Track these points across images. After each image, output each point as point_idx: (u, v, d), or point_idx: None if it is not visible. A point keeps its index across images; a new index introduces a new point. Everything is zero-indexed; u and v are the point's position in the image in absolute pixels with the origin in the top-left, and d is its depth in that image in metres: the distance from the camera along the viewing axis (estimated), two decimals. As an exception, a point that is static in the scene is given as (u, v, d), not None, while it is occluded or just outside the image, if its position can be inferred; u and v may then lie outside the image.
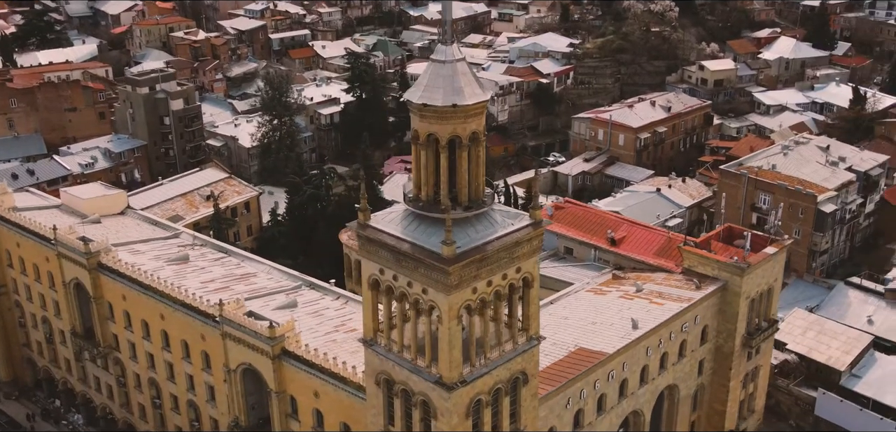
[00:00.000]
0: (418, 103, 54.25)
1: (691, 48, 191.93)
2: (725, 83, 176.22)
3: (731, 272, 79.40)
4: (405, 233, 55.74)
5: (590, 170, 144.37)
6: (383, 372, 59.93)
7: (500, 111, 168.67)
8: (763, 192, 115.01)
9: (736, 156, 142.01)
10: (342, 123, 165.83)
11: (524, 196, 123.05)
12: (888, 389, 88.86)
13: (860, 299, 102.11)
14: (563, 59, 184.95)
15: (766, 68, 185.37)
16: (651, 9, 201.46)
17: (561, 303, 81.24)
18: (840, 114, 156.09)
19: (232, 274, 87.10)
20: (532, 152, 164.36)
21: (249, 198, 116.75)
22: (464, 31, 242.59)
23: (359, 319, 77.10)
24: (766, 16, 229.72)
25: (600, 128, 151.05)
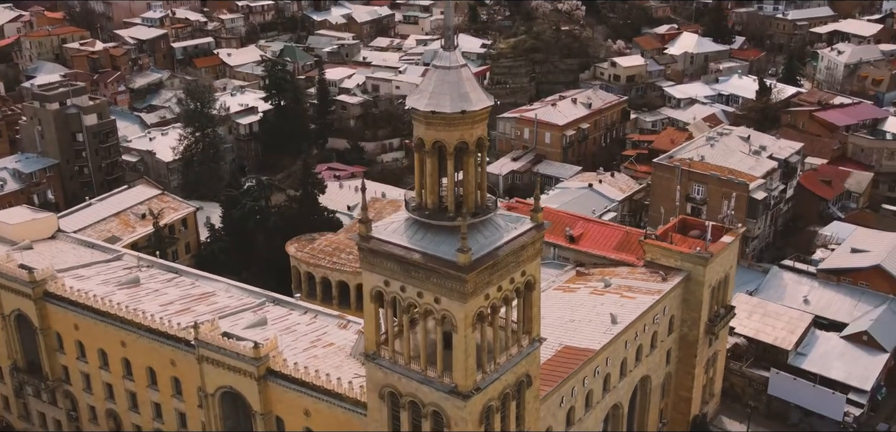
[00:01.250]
0: (426, 111, 53.54)
1: (600, 46, 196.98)
2: (637, 79, 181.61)
3: (695, 262, 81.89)
4: (413, 243, 54.88)
5: (519, 170, 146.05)
6: (388, 385, 58.87)
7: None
8: (697, 183, 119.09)
9: (658, 149, 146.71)
10: (262, 133, 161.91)
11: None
12: (832, 364, 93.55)
13: (795, 280, 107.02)
14: (478, 60, 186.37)
15: (672, 63, 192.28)
16: (559, 8, 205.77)
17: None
18: (748, 105, 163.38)
19: (189, 294, 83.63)
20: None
21: (187, 214, 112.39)
22: (370, 34, 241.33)
23: (334, 334, 76.41)
24: (662, 13, 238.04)
25: (526, 127, 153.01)
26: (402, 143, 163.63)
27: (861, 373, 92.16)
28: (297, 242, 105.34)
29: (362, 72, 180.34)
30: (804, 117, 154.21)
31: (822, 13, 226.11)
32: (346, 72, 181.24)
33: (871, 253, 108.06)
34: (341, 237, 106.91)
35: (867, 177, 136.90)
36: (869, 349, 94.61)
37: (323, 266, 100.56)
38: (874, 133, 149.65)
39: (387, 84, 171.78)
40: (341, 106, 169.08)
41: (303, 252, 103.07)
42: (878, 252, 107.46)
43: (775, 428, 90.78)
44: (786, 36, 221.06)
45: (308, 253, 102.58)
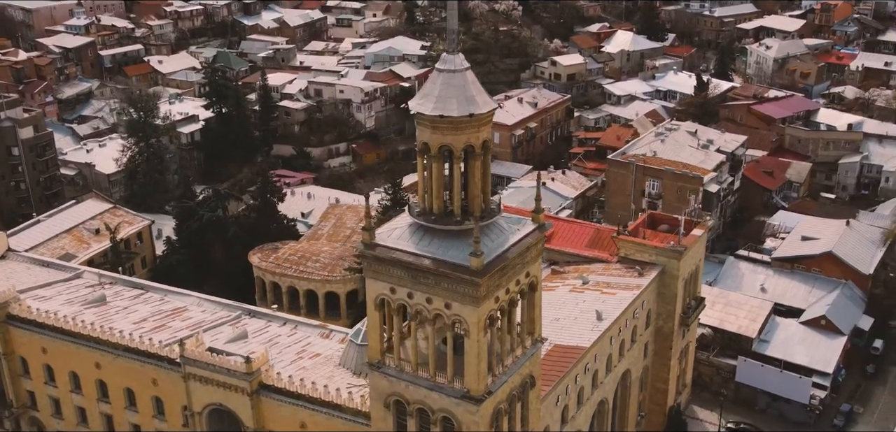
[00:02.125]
0: (433, 115, 53.00)
1: (539, 45, 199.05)
2: (577, 77, 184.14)
3: (669, 256, 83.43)
4: (420, 249, 54.30)
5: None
6: (394, 393, 58.14)
7: (367, 118, 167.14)
8: (651, 178, 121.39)
9: (606, 146, 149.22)
10: (205, 141, 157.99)
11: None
12: (794, 349, 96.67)
13: (750, 270, 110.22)
14: (419, 62, 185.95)
15: (610, 61, 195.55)
16: (495, 8, 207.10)
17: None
18: (687, 101, 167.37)
19: (160, 310, 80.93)
20: (403, 157, 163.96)
21: (142, 227, 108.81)
22: (303, 38, 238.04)
23: (319, 344, 75.13)
24: (593, 12, 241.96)
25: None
26: (349, 148, 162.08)
27: (822, 357, 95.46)
28: (260, 252, 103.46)
29: (304, 76, 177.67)
30: (742, 111, 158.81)
31: (747, 10, 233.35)
32: (286, 77, 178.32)
33: (821, 240, 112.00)
34: (305, 245, 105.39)
35: (806, 167, 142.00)
36: (827, 333, 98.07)
37: (290, 275, 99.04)
38: (808, 124, 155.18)
39: (330, 88, 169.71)
40: (285, 111, 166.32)
41: (267, 262, 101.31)
42: (829, 239, 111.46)
43: (744, 415, 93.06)
44: (714, 32, 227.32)
45: (273, 262, 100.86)
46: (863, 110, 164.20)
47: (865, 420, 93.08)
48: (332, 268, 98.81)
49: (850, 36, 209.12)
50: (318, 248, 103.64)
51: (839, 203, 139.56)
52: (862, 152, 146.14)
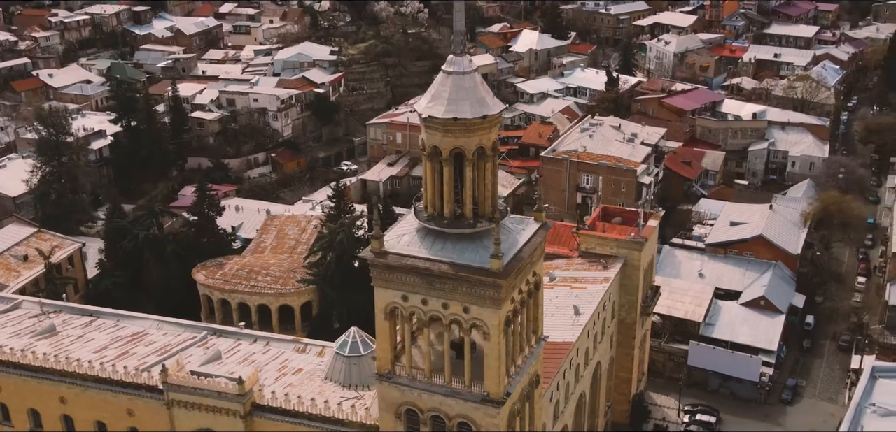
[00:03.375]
0: (445, 118, 52.42)
1: (447, 46, 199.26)
2: (489, 76, 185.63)
3: (630, 248, 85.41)
4: (433, 254, 53.55)
5: (398, 174, 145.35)
6: (406, 403, 57.11)
7: (284, 126, 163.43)
8: (585, 173, 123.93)
9: (528, 144, 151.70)
10: (115, 157, 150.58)
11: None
12: (739, 330, 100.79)
13: (687, 257, 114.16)
14: (330, 68, 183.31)
15: (519, 60, 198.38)
16: (401, 11, 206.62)
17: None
18: (599, 96, 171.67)
19: (119, 336, 76.64)
20: (323, 164, 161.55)
21: (73, 251, 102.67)
22: (200, 46, 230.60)
23: (297, 359, 73.07)
24: (493, 12, 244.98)
25: (398, 132, 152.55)
26: (268, 157, 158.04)
27: (766, 335, 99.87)
28: (205, 269, 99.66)
29: (214, 86, 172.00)
30: (653, 104, 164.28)
31: (640, 7, 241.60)
32: (195, 87, 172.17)
33: (749, 224, 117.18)
34: (250, 259, 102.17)
35: (720, 156, 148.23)
36: (767, 312, 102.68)
37: (240, 291, 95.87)
38: (715, 115, 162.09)
39: (243, 97, 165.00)
40: (198, 123, 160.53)
41: (214, 279, 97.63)
42: (756, 223, 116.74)
43: (698, 397, 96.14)
44: (611, 30, 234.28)
45: (220, 279, 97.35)
46: (760, 99, 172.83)
47: (809, 392, 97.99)
48: (285, 281, 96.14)
49: (739, 30, 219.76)
50: (266, 262, 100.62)
51: (752, 188, 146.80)
52: (768, 139, 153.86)
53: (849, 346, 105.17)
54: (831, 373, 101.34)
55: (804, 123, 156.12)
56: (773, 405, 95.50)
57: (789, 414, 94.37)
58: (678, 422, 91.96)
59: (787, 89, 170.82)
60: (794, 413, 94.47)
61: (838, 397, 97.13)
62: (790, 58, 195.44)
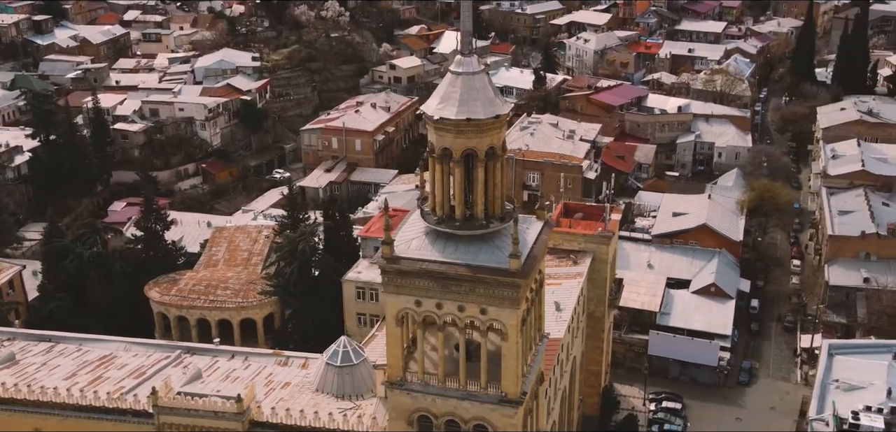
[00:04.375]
0: (458, 119, 51.88)
1: (372, 50, 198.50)
2: (416, 79, 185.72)
3: (598, 242, 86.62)
4: (446, 256, 52.96)
5: (336, 180, 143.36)
6: (419, 409, 56.28)
7: (213, 135, 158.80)
8: (530, 170, 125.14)
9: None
10: (34, 174, 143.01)
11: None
12: (693, 317, 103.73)
13: (635, 249, 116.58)
14: (254, 74, 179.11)
15: (443, 61, 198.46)
16: (322, 15, 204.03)
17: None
18: (528, 95, 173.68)
19: (86, 361, 73.10)
20: (255, 172, 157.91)
21: (13, 274, 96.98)
22: (109, 56, 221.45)
23: (281, 373, 71.45)
24: (409, 14, 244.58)
25: (334, 137, 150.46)
26: (198, 168, 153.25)
27: (720, 321, 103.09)
28: (158, 286, 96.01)
29: (135, 96, 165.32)
30: (581, 101, 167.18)
31: (554, 7, 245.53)
32: (115, 98, 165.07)
33: (691, 214, 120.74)
34: (206, 273, 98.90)
35: (651, 149, 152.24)
36: (718, 298, 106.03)
37: (199, 307, 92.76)
38: (642, 109, 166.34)
39: (167, 107, 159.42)
40: (121, 135, 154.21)
41: (169, 295, 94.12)
42: (698, 212, 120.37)
43: (660, 385, 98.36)
44: (528, 29, 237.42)
45: (177, 295, 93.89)
46: (680, 94, 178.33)
47: (763, 373, 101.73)
48: (246, 294, 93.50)
49: (652, 27, 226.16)
50: (222, 275, 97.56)
51: (683, 180, 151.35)
52: (694, 131, 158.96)
53: (793, 327, 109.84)
54: (781, 354, 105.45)
55: (726, 115, 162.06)
56: (732, 387, 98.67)
57: (748, 394, 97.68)
58: (646, 411, 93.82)
59: (707, 82, 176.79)
60: (752, 393, 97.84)
61: (791, 375, 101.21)
62: (703, 52, 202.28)
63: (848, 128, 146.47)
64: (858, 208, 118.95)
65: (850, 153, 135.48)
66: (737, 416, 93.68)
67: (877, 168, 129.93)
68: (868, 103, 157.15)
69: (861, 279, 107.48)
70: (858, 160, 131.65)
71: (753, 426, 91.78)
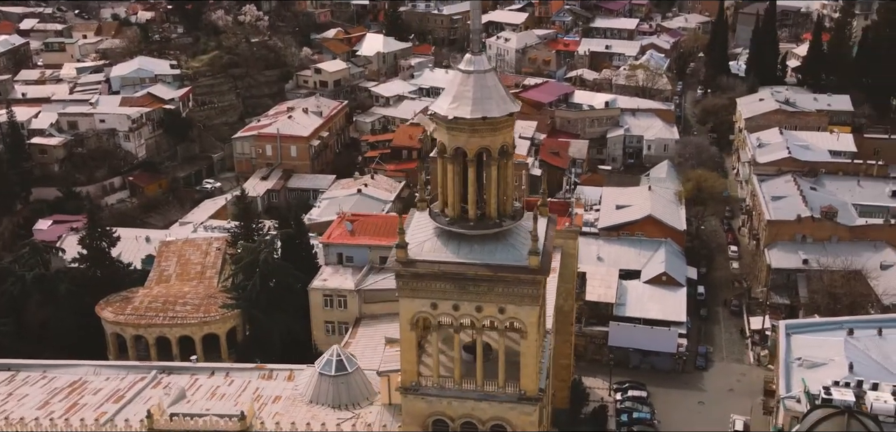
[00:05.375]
0: (473, 118, 51.71)
1: (293, 54, 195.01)
2: (343, 82, 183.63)
3: (566, 237, 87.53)
4: (461, 257, 52.68)
5: (274, 188, 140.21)
6: (434, 413, 55.83)
7: (138, 146, 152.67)
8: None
9: (400, 146, 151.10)
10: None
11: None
12: (648, 306, 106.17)
13: (584, 242, 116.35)
14: (175, 82, 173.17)
15: (368, 64, 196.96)
16: (240, 20, 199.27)
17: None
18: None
19: (56, 389, 69.48)
20: (184, 183, 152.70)
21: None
22: (7, 67, 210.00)
23: (269, 387, 70.07)
24: (325, 17, 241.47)
25: (268, 143, 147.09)
26: (125, 181, 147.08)
27: (674, 309, 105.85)
28: (111, 305, 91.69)
29: (49, 108, 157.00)
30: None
31: (466, 7, 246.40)
32: (28, 111, 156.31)
33: (635, 206, 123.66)
34: (160, 289, 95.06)
35: (585, 144, 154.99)
36: (669, 287, 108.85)
37: (158, 324, 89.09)
38: (571, 106, 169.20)
39: (87, 119, 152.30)
40: (39, 149, 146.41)
41: (125, 314, 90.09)
42: (642, 204, 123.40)
43: (622, 375, 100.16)
44: (445, 29, 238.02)
45: (133, 314, 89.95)
46: (602, 89, 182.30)
47: (718, 356, 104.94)
48: (207, 308, 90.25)
49: (568, 25, 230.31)
50: (178, 291, 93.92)
51: (617, 173, 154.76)
52: (622, 126, 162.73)
53: (739, 310, 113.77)
54: (731, 337, 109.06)
55: (652, 108, 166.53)
56: (690, 373, 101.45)
57: (706, 378, 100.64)
58: (613, 401, 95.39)
59: (629, 77, 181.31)
60: (710, 377, 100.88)
61: (743, 357, 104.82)
62: (620, 49, 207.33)
63: (768, 118, 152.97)
64: (790, 193, 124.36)
65: (775, 141, 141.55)
66: (699, 400, 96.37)
67: (801, 154, 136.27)
68: (783, 93, 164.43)
69: (800, 261, 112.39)
70: (784, 148, 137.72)
71: (715, 408, 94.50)
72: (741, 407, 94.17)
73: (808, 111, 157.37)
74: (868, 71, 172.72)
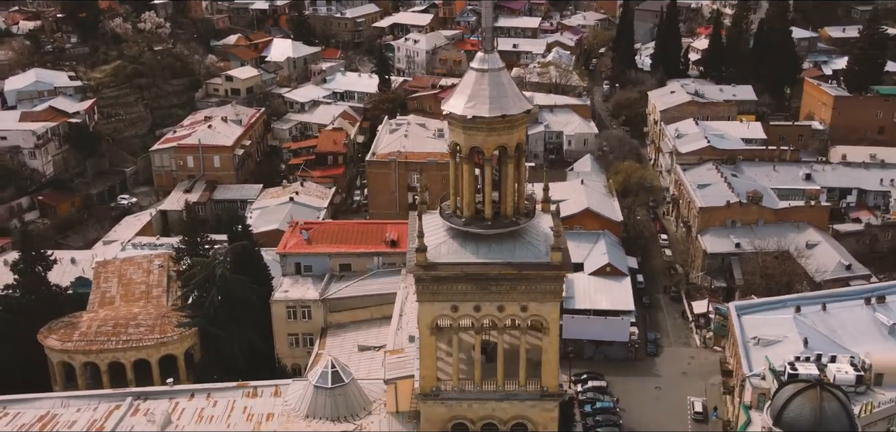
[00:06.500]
0: (493, 116, 51.31)
1: (199, 62, 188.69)
2: (255, 89, 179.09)
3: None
4: (481, 257, 52.22)
5: (199, 200, 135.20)
6: (455, 417, 55.17)
7: (45, 164, 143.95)
8: (414, 172, 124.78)
9: (324, 152, 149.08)
10: None
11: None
12: (596, 297, 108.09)
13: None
14: (77, 95, 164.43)
15: (279, 70, 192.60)
16: (141, 28, 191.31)
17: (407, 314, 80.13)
18: (376, 98, 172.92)
19: (22, 425, 64.68)
20: (98, 200, 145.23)
21: None
22: None
23: (258, 405, 68.40)
24: (223, 24, 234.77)
25: (189, 155, 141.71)
26: (34, 201, 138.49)
27: (622, 298, 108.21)
28: (55, 333, 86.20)
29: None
30: (429, 100, 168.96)
31: (371, 9, 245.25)
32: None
33: (571, 200, 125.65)
34: (106, 312, 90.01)
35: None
36: (614, 277, 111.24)
37: (111, 349, 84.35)
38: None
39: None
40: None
41: (73, 341, 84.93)
42: (578, 198, 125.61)
43: (578, 366, 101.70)
44: (349, 33, 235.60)
45: (82, 340, 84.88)
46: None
47: (666, 342, 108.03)
48: (162, 328, 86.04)
49: (472, 25, 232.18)
50: (127, 312, 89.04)
51: (540, 168, 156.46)
52: (541, 122, 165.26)
53: (678, 295, 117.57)
54: (675, 322, 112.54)
55: (568, 104, 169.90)
56: (643, 360, 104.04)
57: (658, 364, 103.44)
58: (575, 393, 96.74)
59: (542, 74, 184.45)
60: (662, 362, 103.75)
61: (689, 341, 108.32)
62: (527, 47, 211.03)
63: (682, 110, 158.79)
64: (714, 181, 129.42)
65: (693, 132, 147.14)
66: (656, 386, 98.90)
67: (719, 143, 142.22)
68: (692, 85, 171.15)
69: (733, 245, 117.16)
70: (702, 137, 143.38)
71: (672, 391, 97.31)
72: (696, 389, 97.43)
73: (717, 102, 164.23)
74: (764, 62, 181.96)
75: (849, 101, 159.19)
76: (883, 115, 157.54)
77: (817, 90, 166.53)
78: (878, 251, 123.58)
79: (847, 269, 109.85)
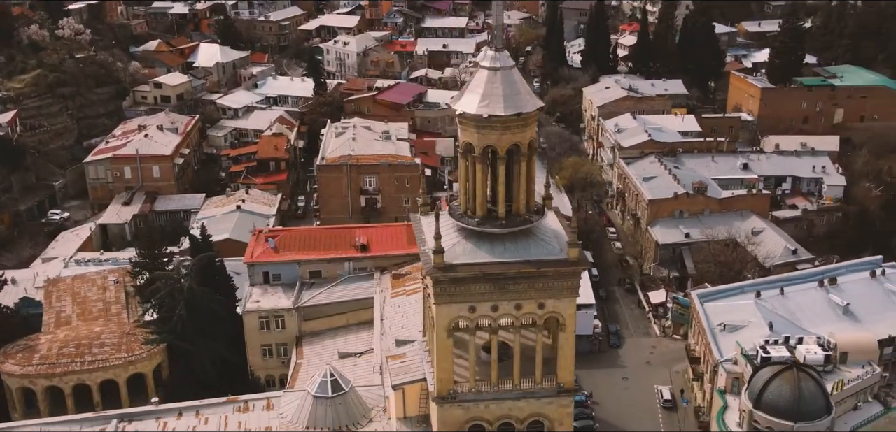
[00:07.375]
0: (507, 114, 51.03)
1: (123, 69, 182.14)
2: (186, 96, 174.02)
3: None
4: (498, 256, 52.00)
5: (141, 212, 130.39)
6: (471, 419, 54.71)
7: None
8: (367, 175, 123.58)
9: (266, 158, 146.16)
10: None
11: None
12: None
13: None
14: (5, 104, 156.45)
15: (208, 76, 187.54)
16: (59, 35, 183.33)
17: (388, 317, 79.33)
18: (313, 101, 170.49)
19: (2, 456, 61.13)
20: (28, 216, 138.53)
21: None
22: None
23: (252, 419, 66.99)
24: (141, 29, 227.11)
25: (126, 165, 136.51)
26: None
27: (582, 291, 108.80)
28: (11, 357, 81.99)
29: None
30: (367, 103, 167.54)
31: (295, 12, 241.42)
32: None
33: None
34: (66, 333, 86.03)
35: (451, 142, 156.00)
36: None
37: (76, 371, 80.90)
38: (429, 105, 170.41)
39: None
40: None
41: (33, 364, 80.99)
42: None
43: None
44: (275, 36, 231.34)
45: (43, 363, 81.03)
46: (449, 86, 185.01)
47: (627, 333, 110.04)
48: (129, 347, 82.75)
49: (400, 26, 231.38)
50: (89, 332, 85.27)
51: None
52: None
53: (633, 287, 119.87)
54: (632, 313, 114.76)
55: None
56: (607, 352, 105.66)
57: (622, 355, 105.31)
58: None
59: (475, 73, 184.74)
60: (625, 353, 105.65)
61: (649, 331, 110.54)
62: (457, 47, 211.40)
63: (618, 105, 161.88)
64: (658, 174, 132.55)
65: (632, 126, 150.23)
66: (622, 377, 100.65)
67: (659, 136, 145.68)
68: (625, 81, 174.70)
69: (682, 235, 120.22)
70: (643, 132, 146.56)
71: (639, 381, 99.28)
72: (662, 378, 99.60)
73: (651, 96, 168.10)
74: (689, 57, 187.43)
75: (775, 92, 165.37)
76: (807, 106, 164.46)
77: (744, 83, 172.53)
78: (814, 235, 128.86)
79: (794, 254, 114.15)
